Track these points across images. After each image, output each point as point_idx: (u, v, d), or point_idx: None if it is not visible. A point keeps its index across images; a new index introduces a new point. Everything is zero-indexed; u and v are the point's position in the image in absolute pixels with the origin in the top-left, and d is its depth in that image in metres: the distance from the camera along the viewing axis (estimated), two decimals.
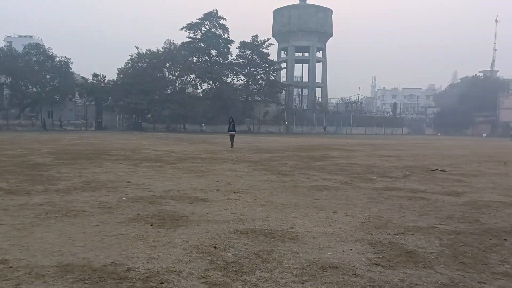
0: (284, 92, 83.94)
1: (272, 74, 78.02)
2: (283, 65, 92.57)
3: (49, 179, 9.78)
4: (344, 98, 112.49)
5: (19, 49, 69.23)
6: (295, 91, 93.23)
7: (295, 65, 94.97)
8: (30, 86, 66.03)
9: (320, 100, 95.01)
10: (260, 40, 74.79)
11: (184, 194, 8.16)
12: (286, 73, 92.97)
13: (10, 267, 3.98)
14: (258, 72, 76.18)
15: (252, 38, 74.76)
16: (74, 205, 6.80)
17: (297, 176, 11.51)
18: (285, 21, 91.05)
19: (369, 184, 10.11)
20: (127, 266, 4.07)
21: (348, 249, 4.77)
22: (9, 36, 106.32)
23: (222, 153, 19.66)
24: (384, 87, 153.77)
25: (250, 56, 74.65)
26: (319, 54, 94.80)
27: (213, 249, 4.67)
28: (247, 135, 58.89)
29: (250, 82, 75.91)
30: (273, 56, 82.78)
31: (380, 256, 4.54)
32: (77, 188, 8.56)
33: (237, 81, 76.21)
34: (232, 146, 25.01)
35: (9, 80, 65.41)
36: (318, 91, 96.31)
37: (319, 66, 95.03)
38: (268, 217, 6.33)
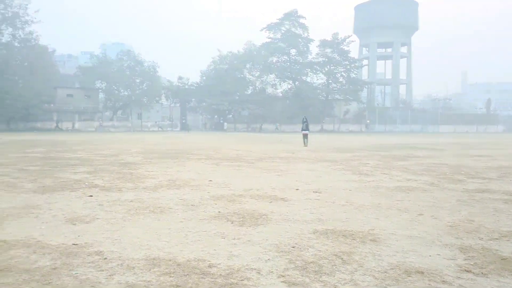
0: (365, 90, 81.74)
1: (353, 72, 76.44)
2: (365, 62, 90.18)
3: (138, 177, 10.41)
4: (431, 94, 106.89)
5: (113, 55, 74.50)
6: (377, 88, 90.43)
7: (377, 61, 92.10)
8: (122, 90, 70.84)
9: (404, 97, 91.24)
10: (341, 38, 73.58)
11: (263, 193, 8.25)
12: (368, 70, 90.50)
13: (105, 258, 4.28)
14: (338, 70, 75.06)
15: (332, 36, 73.81)
16: (160, 202, 7.17)
17: (379, 176, 11.15)
18: (367, 17, 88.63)
19: (458, 186, 9.50)
20: (209, 262, 4.19)
21: (435, 254, 4.51)
22: (104, 44, 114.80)
23: (301, 153, 19.61)
24: (476, 82, 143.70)
25: (330, 54, 73.75)
26: (404, 49, 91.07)
27: (292, 248, 4.67)
28: (326, 134, 58.21)
29: (330, 81, 75.01)
30: (354, 54, 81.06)
31: (471, 263, 4.24)
32: (163, 186, 9.01)
33: (317, 80, 75.71)
34: (305, 145, 25.08)
35: (103, 85, 70.66)
36: (402, 88, 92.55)
37: (403, 61, 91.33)
38: (348, 217, 6.20)
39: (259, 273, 3.92)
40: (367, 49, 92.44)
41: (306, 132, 26.20)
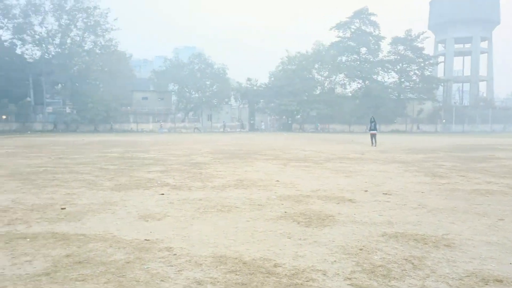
0: (441, 88, 77.82)
1: (427, 69, 73.18)
2: (440, 59, 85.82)
3: (207, 176, 10.68)
4: None
5: (185, 59, 77.19)
6: (454, 86, 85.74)
7: (454, 58, 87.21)
8: (193, 92, 73.28)
9: (484, 95, 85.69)
10: (414, 34, 70.73)
11: (331, 194, 8.12)
12: (444, 67, 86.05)
13: (174, 254, 4.43)
14: (411, 68, 72.26)
15: (405, 33, 71.21)
16: (228, 201, 7.29)
17: (455, 178, 10.55)
18: (443, 11, 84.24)
19: None
20: (275, 262, 4.19)
21: None
22: (177, 48, 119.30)
23: (371, 153, 19.07)
24: None
25: (402, 52, 71.21)
26: (484, 44, 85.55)
27: (360, 251, 4.55)
28: (398, 134, 56.18)
29: (402, 79, 72.41)
30: (428, 50, 77.51)
31: None
32: (231, 185, 9.17)
33: (388, 78, 73.37)
34: (373, 144, 24.95)
35: (176, 87, 73.51)
36: (482, 86, 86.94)
37: (483, 57, 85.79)
38: (420, 221, 5.92)
39: (324, 274, 3.86)
40: (443, 45, 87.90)
41: (374, 132, 25.96)
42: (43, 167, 12.57)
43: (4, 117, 55.03)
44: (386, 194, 8.14)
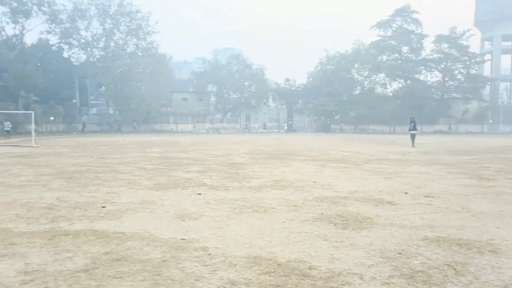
0: (487, 87, 74.79)
1: (473, 68, 70.52)
2: (487, 57, 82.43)
3: (244, 177, 10.70)
4: None
5: (223, 60, 77.94)
6: (502, 85, 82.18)
7: (502, 56, 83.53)
8: (231, 93, 73.88)
9: None
10: (459, 32, 68.37)
11: (369, 196, 7.95)
12: (491, 66, 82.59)
13: (209, 254, 4.45)
14: (456, 66, 69.86)
15: (449, 30, 68.94)
16: (264, 202, 7.27)
17: (502, 181, 10.09)
18: (490, 8, 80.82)
19: None
20: (310, 264, 4.13)
21: None
22: (216, 49, 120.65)
23: (412, 155, 18.56)
24: None
25: (446, 50, 68.97)
26: None
27: (399, 255, 4.41)
28: (441, 135, 54.46)
29: (446, 78, 70.14)
30: (474, 48, 74.59)
31: None
32: (267, 186, 9.14)
33: (431, 77, 71.23)
34: (413, 145, 24.84)
35: (215, 88, 74.36)
36: None
37: None
38: (463, 225, 5.69)
39: (361, 278, 3.77)
40: (489, 42, 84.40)
41: (414, 132, 25.86)
42: (87, 167, 12.99)
43: (52, 118, 57.32)
44: (427, 196, 7.88)
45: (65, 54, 66.95)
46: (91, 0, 64.43)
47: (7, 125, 36.28)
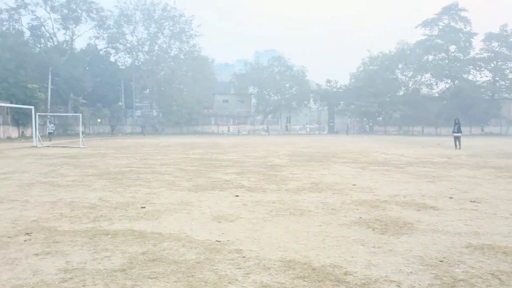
0: None
1: None
2: None
3: (282, 179, 10.64)
4: None
5: (265, 62, 78.18)
6: None
7: None
8: (272, 95, 73.97)
9: None
10: (510, 30, 65.39)
11: (411, 200, 7.70)
12: None
13: (243, 257, 4.43)
14: (507, 65, 66.84)
15: (499, 28, 66.06)
16: (301, 205, 7.19)
17: None
18: None
19: None
20: (345, 270, 4.03)
21: None
22: (257, 51, 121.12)
23: (459, 158, 17.86)
24: None
25: (497, 49, 66.20)
26: None
27: (440, 262, 4.22)
28: (492, 137, 52.17)
29: (496, 78, 67.20)
30: None
31: None
32: (305, 188, 9.04)
33: (481, 77, 68.46)
34: (457, 147, 24.40)
35: (256, 90, 74.69)
36: None
37: None
38: (511, 232, 5.39)
39: (399, 286, 3.63)
40: None
41: (458, 134, 25.15)
42: (129, 167, 13.34)
43: (99, 120, 59.43)
44: (473, 201, 7.54)
45: (112, 58, 69.43)
46: (136, 6, 66.44)
47: (51, 127, 37.90)
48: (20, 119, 40.67)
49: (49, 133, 36.11)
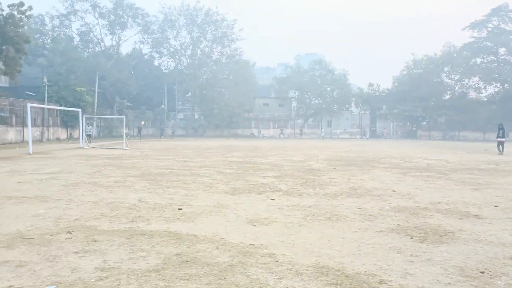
0: None
1: None
2: None
3: (320, 183, 10.53)
4: None
5: (305, 66, 77.82)
6: None
7: None
8: (313, 98, 73.49)
9: None
10: None
11: (453, 207, 7.42)
12: None
13: (276, 261, 4.41)
14: None
15: None
16: (338, 210, 7.08)
17: None
18: None
19: None
20: (380, 278, 3.93)
21: None
22: (298, 55, 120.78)
23: (508, 164, 17.06)
24: None
25: None
26: None
27: (481, 274, 4.04)
28: None
29: None
30: None
31: None
32: (343, 193, 8.90)
33: None
34: (500, 153, 24.41)
35: (296, 94, 74.48)
36: None
37: None
38: None
39: None
40: None
41: (503, 139, 25.32)
42: (169, 169, 13.60)
43: (143, 122, 61.05)
44: None
45: (156, 62, 71.30)
46: (180, 11, 67.92)
47: (89, 129, 39.07)
48: (68, 121, 42.41)
49: (88, 135, 37.19)
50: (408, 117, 65.66)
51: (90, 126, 40.25)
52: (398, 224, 6.06)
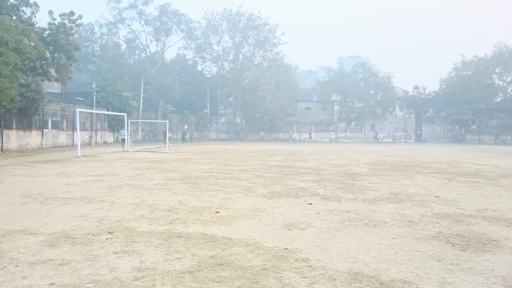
0: None
1: None
2: None
3: (360, 188, 10.34)
4: None
5: (348, 69, 76.86)
6: None
7: None
8: (356, 102, 72.43)
9: None
10: None
11: (500, 215, 7.09)
12: None
13: (310, 266, 4.37)
14: None
15: None
16: (377, 215, 6.93)
17: None
18: None
19: None
20: (416, 286, 3.82)
21: None
22: (341, 58, 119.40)
23: None
24: None
25: None
26: None
27: None
28: None
29: None
30: None
31: None
32: (383, 199, 8.70)
33: None
34: None
35: (339, 97, 73.67)
36: None
37: None
38: None
39: None
40: None
41: None
42: (209, 173, 13.78)
43: (186, 126, 62.22)
44: None
45: (199, 67, 72.48)
46: (223, 16, 68.79)
47: (122, 133, 39.69)
48: (115, 125, 43.85)
49: (122, 140, 37.77)
50: (456, 120, 63.29)
51: (124, 130, 41.08)
52: (440, 231, 5.86)
